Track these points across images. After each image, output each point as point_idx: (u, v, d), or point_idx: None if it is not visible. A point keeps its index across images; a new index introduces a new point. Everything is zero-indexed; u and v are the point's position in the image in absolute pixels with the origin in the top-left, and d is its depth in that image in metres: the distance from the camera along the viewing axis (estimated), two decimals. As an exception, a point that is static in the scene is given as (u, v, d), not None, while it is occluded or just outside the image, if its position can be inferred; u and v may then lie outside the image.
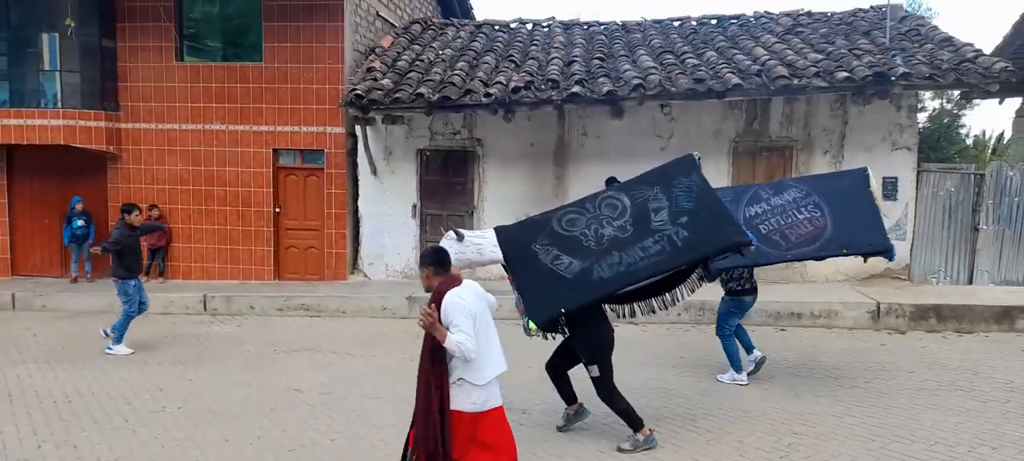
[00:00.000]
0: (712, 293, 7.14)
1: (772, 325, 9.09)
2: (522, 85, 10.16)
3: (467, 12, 17.44)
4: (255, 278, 11.86)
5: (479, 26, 13.78)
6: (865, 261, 7.34)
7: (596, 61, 11.03)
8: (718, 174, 11.01)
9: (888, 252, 6.39)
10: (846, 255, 6.48)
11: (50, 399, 6.80)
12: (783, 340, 8.52)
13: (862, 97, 9.84)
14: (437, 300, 4.03)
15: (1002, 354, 7.75)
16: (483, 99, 10.13)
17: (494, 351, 4.12)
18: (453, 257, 4.64)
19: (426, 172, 11.69)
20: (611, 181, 6.57)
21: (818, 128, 10.83)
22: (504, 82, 10.35)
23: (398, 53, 12.03)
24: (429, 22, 14.04)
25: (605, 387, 5.32)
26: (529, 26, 13.63)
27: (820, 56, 10.45)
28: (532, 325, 5.13)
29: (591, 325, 5.33)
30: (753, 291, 6.89)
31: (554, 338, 5.46)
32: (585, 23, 13.51)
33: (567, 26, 13.42)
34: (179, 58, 11.90)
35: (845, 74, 9.68)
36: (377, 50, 12.08)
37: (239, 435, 5.85)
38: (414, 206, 11.67)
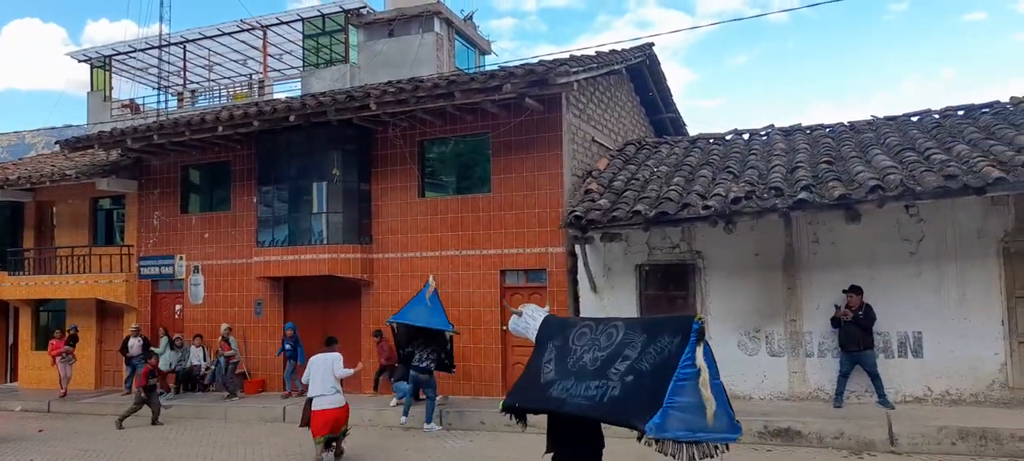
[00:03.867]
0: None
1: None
2: (742, 195, 9.89)
3: (680, 130, 17.64)
4: (485, 394, 12.38)
5: (693, 141, 13.82)
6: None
7: (823, 165, 10.45)
8: (987, 278, 9.70)
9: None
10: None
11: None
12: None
13: None
14: None
15: None
16: (702, 212, 10.00)
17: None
18: (512, 327, 6.63)
19: (646, 287, 11.64)
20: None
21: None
22: (723, 193, 10.16)
23: (614, 174, 12.41)
24: (643, 142, 14.38)
25: None
26: (746, 136, 13.38)
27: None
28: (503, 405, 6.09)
29: (560, 436, 5.85)
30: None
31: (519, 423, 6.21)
32: (807, 128, 12.96)
33: (787, 132, 12.97)
34: (420, 194, 13.35)
35: None
36: (594, 172, 12.57)
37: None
38: (635, 323, 11.56)
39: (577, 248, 11.58)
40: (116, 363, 16.05)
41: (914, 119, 12.17)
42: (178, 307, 15.59)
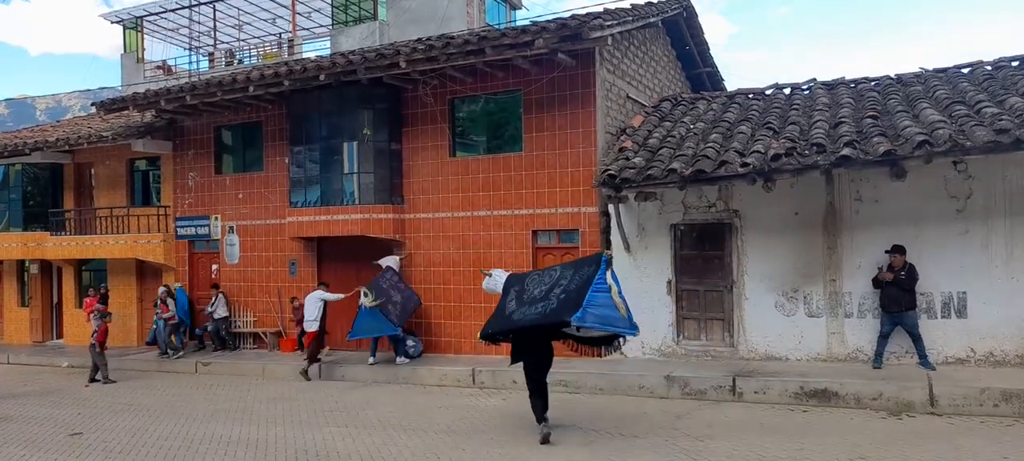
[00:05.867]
0: None
1: None
2: (783, 152, 9.60)
3: (717, 85, 17.20)
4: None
5: (732, 96, 13.45)
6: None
7: (868, 120, 10.08)
8: (1038, 236, 9.33)
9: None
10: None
11: (345, 459, 7.64)
12: None
13: None
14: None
15: None
16: (739, 169, 9.74)
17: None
18: (484, 286, 9.22)
19: (681, 247, 11.46)
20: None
21: None
22: (762, 150, 9.88)
23: (649, 131, 12.15)
24: (679, 98, 14.04)
25: (530, 389, 8.16)
26: (787, 91, 12.97)
27: None
28: (480, 334, 8.46)
29: (525, 346, 8.16)
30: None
31: (498, 345, 8.72)
32: (852, 81, 12.50)
33: (831, 86, 12.53)
34: (451, 154, 13.25)
35: None
36: (628, 130, 12.33)
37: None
38: (669, 282, 11.45)
39: (610, 207, 11.41)
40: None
41: (965, 71, 11.66)
42: (215, 267, 15.85)
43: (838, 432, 7.90)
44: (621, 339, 8.04)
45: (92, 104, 17.09)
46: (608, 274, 7.46)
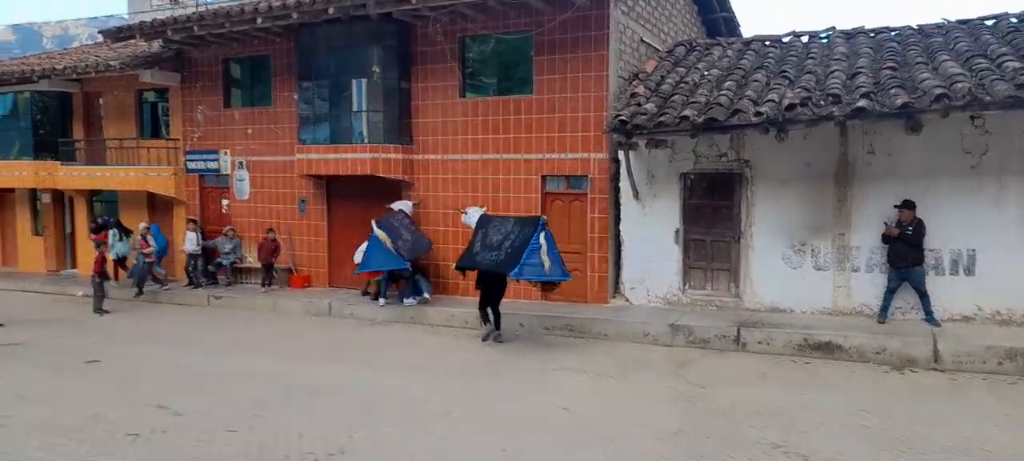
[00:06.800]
0: None
1: None
2: (797, 102, 9.45)
3: (734, 31, 16.83)
4: (523, 298, 12.51)
5: (748, 43, 13.17)
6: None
7: (887, 71, 9.88)
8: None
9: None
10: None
11: (355, 396, 7.83)
12: None
13: None
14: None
15: None
16: (753, 119, 9.62)
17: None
18: (463, 220, 11.72)
19: (690, 196, 11.42)
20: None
21: None
22: (776, 99, 9.73)
23: (662, 77, 11.96)
24: (693, 43, 13.77)
25: (480, 305, 10.54)
26: (804, 39, 12.68)
27: None
28: (455, 265, 10.95)
29: (483, 279, 10.33)
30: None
31: (465, 276, 11.02)
32: (871, 31, 12.20)
33: (849, 35, 12.24)
34: (461, 95, 13.10)
35: None
36: (640, 75, 12.13)
37: (518, 448, 6.17)
38: (677, 231, 11.45)
39: (620, 154, 11.34)
40: (170, 253, 16.61)
41: (989, 23, 11.35)
42: (225, 202, 15.91)
43: (840, 385, 8.01)
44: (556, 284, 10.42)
45: (99, 32, 16.91)
46: (541, 235, 9.63)
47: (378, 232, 12.06)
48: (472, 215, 11.06)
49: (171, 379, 8.64)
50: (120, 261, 15.79)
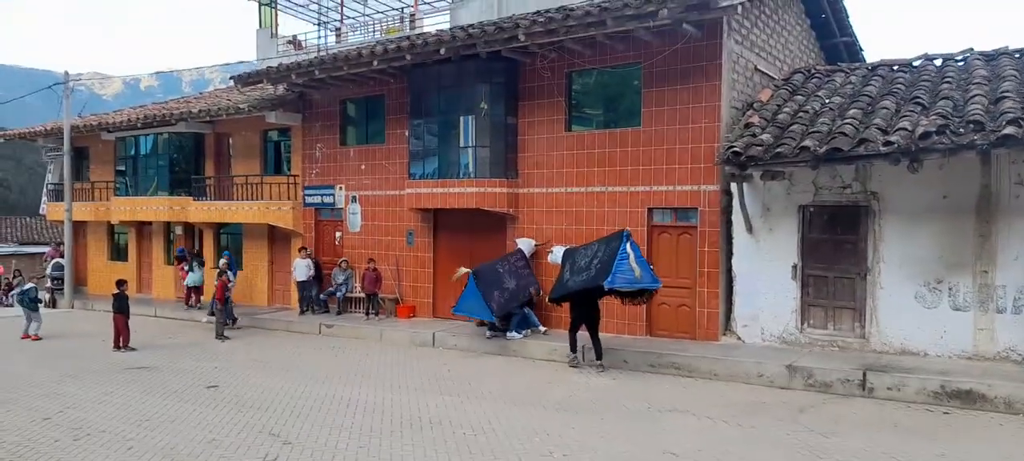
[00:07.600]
0: None
1: None
2: (933, 129, 8.74)
3: (855, 57, 15.95)
4: (628, 332, 12.17)
5: (873, 68, 12.40)
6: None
7: (1036, 94, 8.98)
8: None
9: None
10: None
11: (458, 429, 7.77)
12: None
13: None
14: None
15: None
16: (882, 148, 8.97)
17: None
18: (549, 259, 12.37)
19: (809, 230, 10.76)
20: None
21: None
22: (909, 127, 9.04)
23: (778, 106, 11.44)
24: (812, 70, 13.12)
25: (570, 330, 10.90)
26: (938, 62, 11.80)
27: None
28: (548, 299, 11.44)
29: (576, 304, 10.71)
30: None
31: (560, 307, 11.50)
32: (1016, 51, 11.19)
33: (990, 57, 11.28)
34: (567, 128, 13.06)
35: None
36: (755, 105, 11.66)
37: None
38: (794, 266, 10.79)
39: (733, 186, 10.88)
40: (284, 282, 17.46)
41: None
42: (338, 234, 16.57)
43: (985, 438, 7.19)
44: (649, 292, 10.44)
45: (231, 78, 18.21)
46: (627, 245, 9.89)
47: (474, 282, 11.99)
48: (557, 253, 11.72)
49: (283, 406, 8.92)
50: (196, 289, 17.43)
